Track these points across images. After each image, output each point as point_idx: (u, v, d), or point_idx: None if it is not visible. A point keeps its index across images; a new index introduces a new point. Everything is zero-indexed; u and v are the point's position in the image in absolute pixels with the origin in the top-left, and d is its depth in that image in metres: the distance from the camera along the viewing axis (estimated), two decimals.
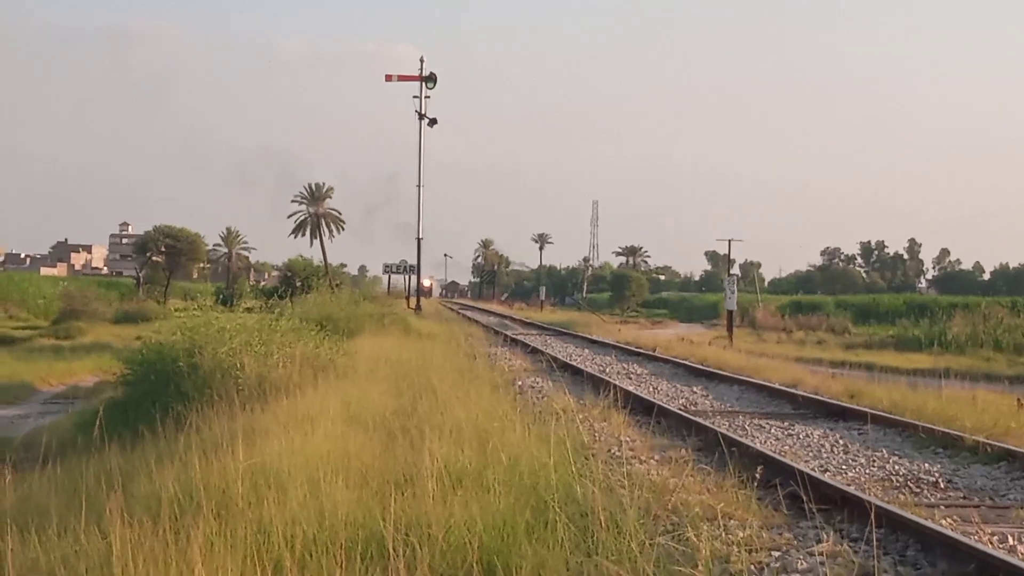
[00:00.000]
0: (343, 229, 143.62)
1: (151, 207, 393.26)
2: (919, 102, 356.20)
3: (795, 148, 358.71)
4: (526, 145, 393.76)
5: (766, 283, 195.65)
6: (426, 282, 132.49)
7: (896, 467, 15.72)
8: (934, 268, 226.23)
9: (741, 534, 10.49)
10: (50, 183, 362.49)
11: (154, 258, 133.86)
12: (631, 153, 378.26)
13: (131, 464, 13.60)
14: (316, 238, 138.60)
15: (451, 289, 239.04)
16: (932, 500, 13.44)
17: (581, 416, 17.26)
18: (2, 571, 8.74)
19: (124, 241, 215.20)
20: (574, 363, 32.81)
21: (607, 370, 31.44)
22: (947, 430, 17.88)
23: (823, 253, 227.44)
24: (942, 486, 14.41)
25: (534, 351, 38.27)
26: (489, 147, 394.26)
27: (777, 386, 26.04)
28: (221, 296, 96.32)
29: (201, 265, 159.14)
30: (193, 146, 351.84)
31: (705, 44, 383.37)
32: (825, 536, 10.66)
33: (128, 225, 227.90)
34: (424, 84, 79.16)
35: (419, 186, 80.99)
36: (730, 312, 64.04)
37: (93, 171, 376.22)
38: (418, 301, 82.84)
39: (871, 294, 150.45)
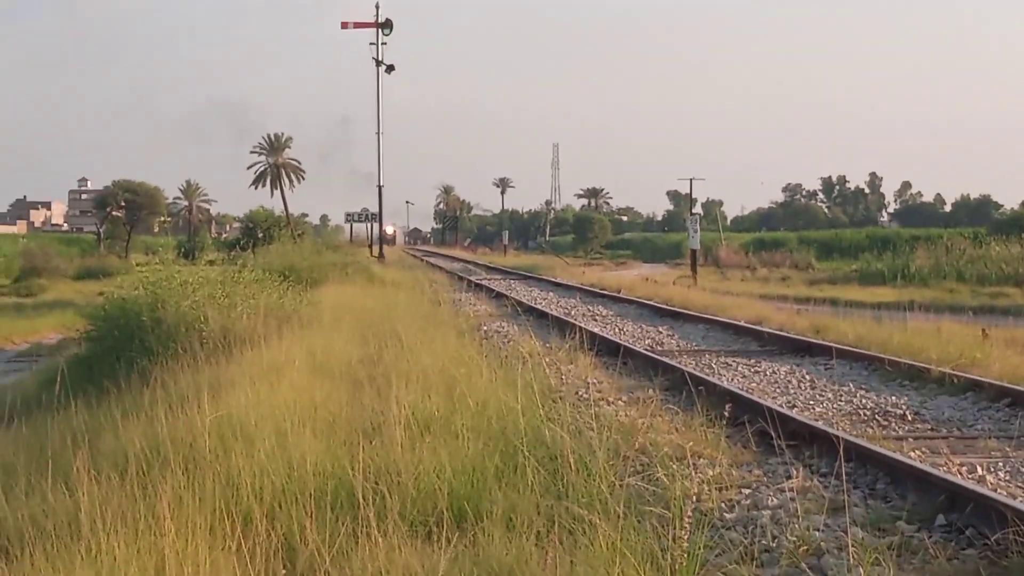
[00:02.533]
0: (303, 179, 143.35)
1: (109, 162, 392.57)
2: (881, 37, 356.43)
3: (754, 86, 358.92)
4: (486, 89, 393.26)
5: (728, 221, 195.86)
6: (389, 229, 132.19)
7: (863, 401, 15.74)
8: (896, 201, 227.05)
9: (711, 472, 10.50)
10: (6, 140, 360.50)
11: (114, 213, 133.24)
12: (591, 95, 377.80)
13: (97, 420, 13.50)
14: (276, 189, 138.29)
15: (414, 236, 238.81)
16: (900, 433, 13.47)
17: (547, 359, 17.23)
18: None
19: (83, 197, 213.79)
20: (539, 307, 32.75)
21: (572, 312, 31.43)
22: (913, 362, 17.93)
23: (785, 189, 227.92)
24: (910, 418, 14.45)
25: (498, 296, 38.21)
26: (448, 91, 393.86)
27: (742, 324, 26.07)
28: (183, 249, 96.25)
29: (162, 219, 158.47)
30: (148, 98, 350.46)
31: None
32: (795, 472, 10.67)
33: (87, 181, 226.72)
34: (380, 31, 78.85)
35: (378, 133, 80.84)
36: (693, 251, 63.99)
37: (49, 127, 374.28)
38: (380, 249, 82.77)
39: (834, 229, 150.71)
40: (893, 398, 15.90)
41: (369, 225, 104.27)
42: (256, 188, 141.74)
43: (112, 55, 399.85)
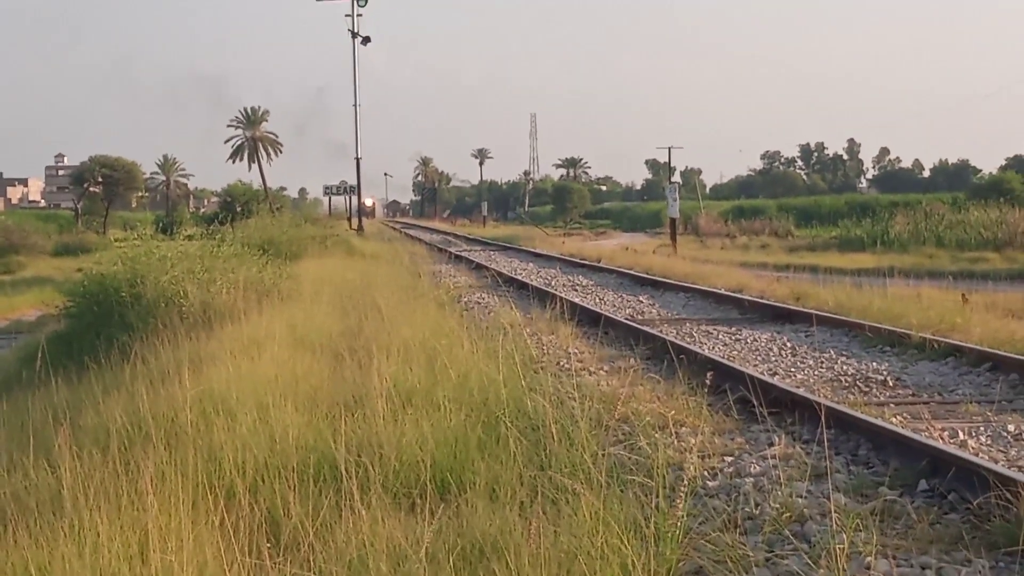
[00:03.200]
0: (280, 152, 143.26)
1: (86, 138, 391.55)
2: (858, 4, 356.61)
3: (732, 53, 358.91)
4: (463, 59, 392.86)
5: (708, 189, 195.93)
6: (368, 202, 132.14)
7: (844, 367, 15.76)
8: (874, 167, 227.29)
9: (693, 441, 10.50)
10: None
11: (91, 189, 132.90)
12: (569, 64, 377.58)
13: (78, 397, 13.47)
14: (254, 162, 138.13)
15: (393, 208, 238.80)
16: (881, 398, 13.49)
17: (528, 330, 17.27)
18: None
19: (60, 173, 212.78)
20: (519, 277, 32.75)
21: (552, 283, 31.43)
22: (893, 328, 17.94)
23: (763, 157, 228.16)
24: (891, 384, 14.46)
25: (478, 267, 38.21)
26: (425, 61, 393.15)
27: (723, 292, 26.07)
28: (161, 224, 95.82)
29: (139, 194, 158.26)
30: (121, 71, 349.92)
31: None
32: (777, 439, 10.69)
33: (63, 157, 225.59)
34: (355, 2, 78.70)
35: (356, 105, 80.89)
36: (673, 220, 63.86)
37: (24, 103, 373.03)
38: (360, 222, 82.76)
39: (813, 196, 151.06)
40: (874, 364, 15.92)
41: (348, 198, 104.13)
42: (234, 162, 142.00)
43: (88, 29, 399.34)
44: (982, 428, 11.55)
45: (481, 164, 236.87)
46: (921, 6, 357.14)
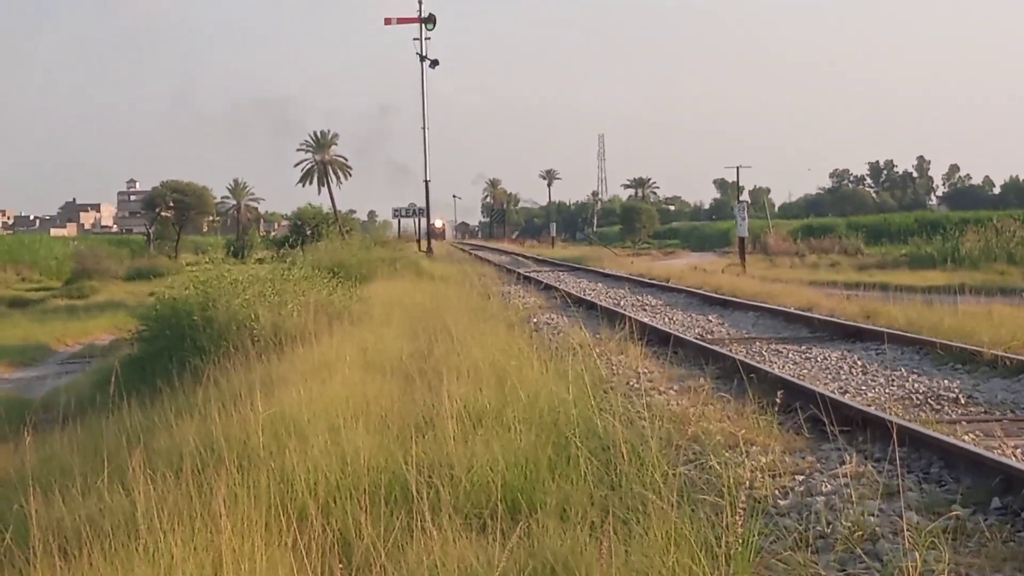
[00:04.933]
0: (350, 175, 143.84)
1: (157, 163, 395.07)
2: (928, 19, 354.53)
3: (799, 71, 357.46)
4: (530, 81, 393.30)
5: (776, 208, 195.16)
6: (438, 224, 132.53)
7: (916, 385, 15.67)
8: (944, 184, 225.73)
9: (764, 460, 10.48)
10: (55, 144, 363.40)
11: (163, 213, 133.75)
12: (636, 85, 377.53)
13: (151, 420, 13.60)
14: (324, 186, 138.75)
15: (462, 230, 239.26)
16: (953, 416, 13.40)
17: (598, 350, 17.23)
18: (27, 532, 8.74)
19: (132, 198, 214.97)
20: (588, 298, 32.69)
21: (621, 303, 31.39)
22: (965, 346, 17.82)
23: (832, 175, 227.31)
24: (963, 402, 14.37)
25: (547, 287, 38.17)
26: (492, 83, 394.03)
27: (792, 310, 25.98)
28: (232, 248, 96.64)
29: (210, 218, 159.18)
30: (188, 97, 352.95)
31: None
32: (848, 458, 10.64)
33: (135, 182, 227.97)
34: (423, 26, 78.91)
35: (424, 128, 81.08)
36: (741, 239, 63.51)
37: (97, 130, 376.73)
38: (428, 243, 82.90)
39: (882, 214, 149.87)
40: (945, 382, 15.82)
41: (417, 220, 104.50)
42: (303, 185, 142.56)
43: (155, 56, 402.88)
44: None
45: (549, 185, 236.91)
46: (990, 23, 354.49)
